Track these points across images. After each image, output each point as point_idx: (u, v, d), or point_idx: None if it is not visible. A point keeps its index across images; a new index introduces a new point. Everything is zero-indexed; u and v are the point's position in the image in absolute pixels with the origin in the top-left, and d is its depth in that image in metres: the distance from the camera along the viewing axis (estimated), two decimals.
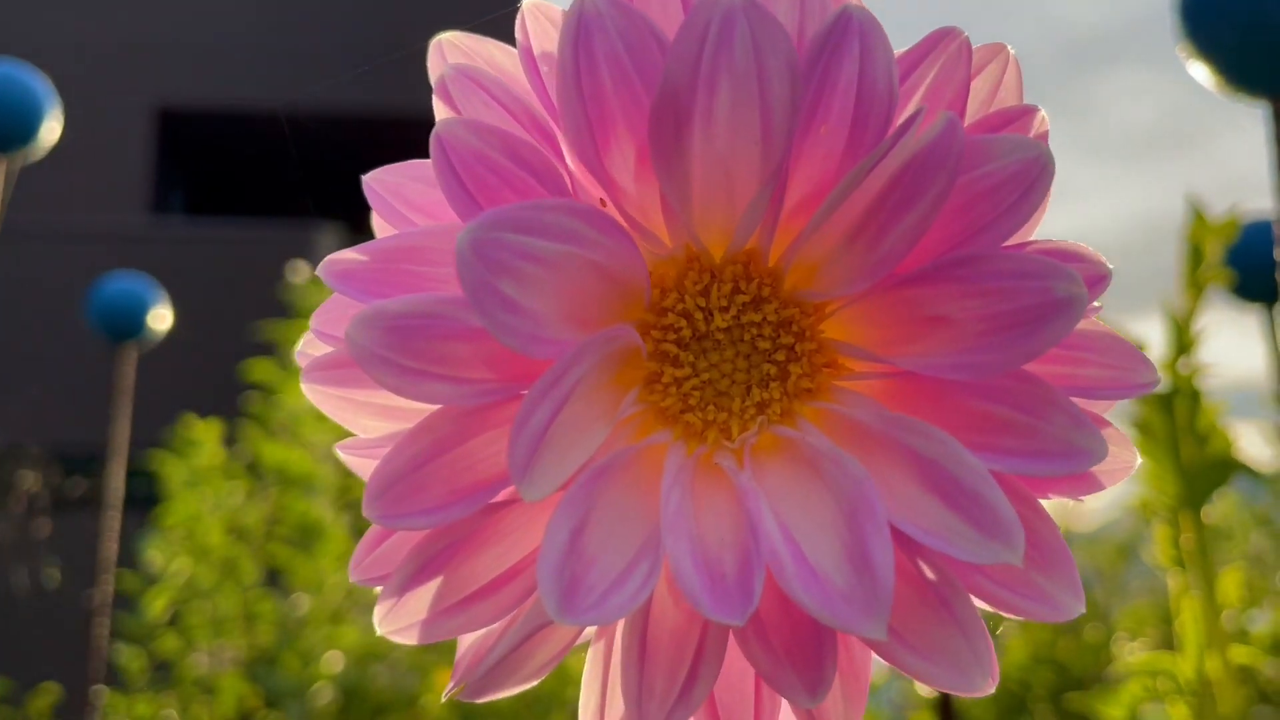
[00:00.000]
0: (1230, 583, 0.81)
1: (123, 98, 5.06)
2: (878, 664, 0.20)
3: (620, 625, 0.19)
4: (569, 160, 0.20)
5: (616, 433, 0.20)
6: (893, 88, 0.18)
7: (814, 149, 0.19)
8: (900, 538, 0.18)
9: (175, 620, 1.69)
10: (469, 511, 0.19)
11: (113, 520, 1.49)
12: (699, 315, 0.20)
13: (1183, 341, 0.78)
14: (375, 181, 0.21)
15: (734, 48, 0.18)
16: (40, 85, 1.13)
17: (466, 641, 0.21)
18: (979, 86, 0.21)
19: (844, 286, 0.20)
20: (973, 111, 0.21)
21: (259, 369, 1.53)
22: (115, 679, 1.79)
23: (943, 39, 0.19)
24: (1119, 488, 0.21)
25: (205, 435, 1.52)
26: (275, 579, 1.70)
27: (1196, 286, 0.80)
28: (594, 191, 0.20)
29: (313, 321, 0.20)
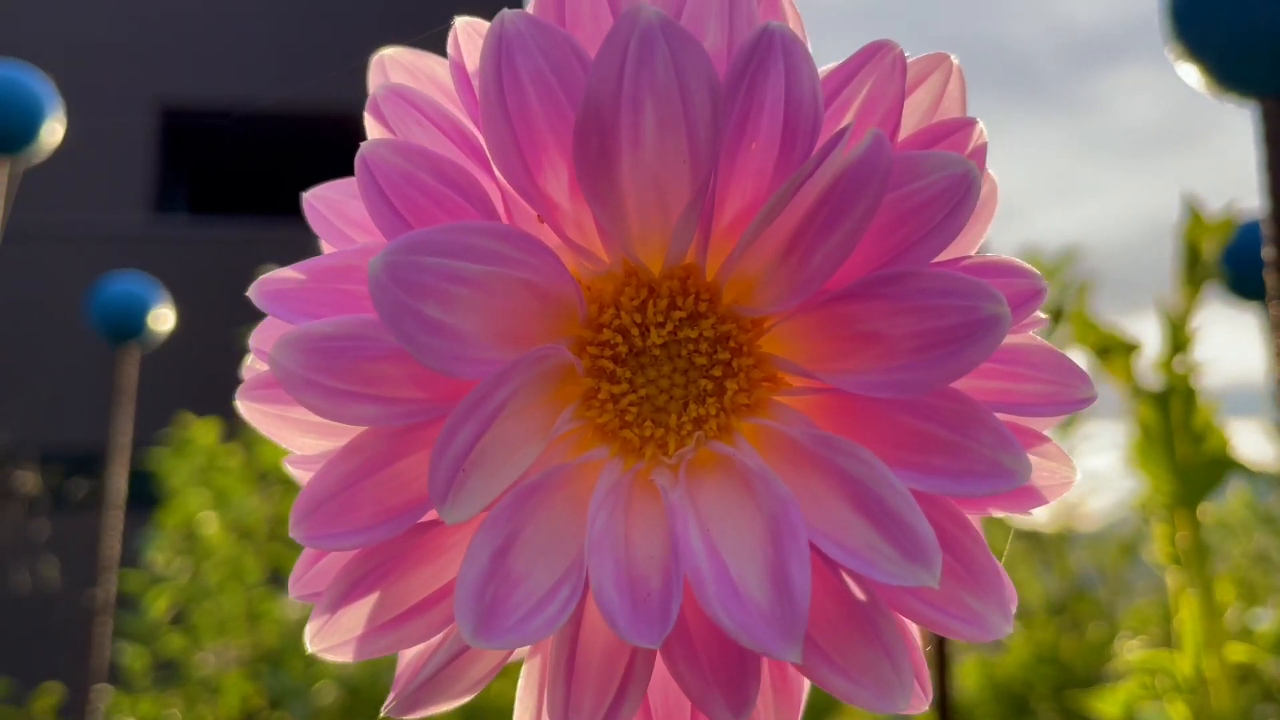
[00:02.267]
0: (1228, 581, 0.81)
1: (125, 96, 5.07)
2: None
3: (550, 641, 0.19)
4: (499, 180, 0.20)
5: (552, 450, 0.20)
6: (818, 105, 0.18)
7: (746, 165, 0.19)
8: (830, 558, 0.18)
9: (180, 620, 1.70)
10: (398, 531, 0.19)
11: (115, 520, 1.50)
12: (635, 331, 0.20)
13: (1178, 340, 0.78)
14: (315, 199, 0.21)
15: (655, 68, 0.17)
16: (42, 87, 1.13)
17: (407, 656, 0.21)
18: (920, 98, 0.21)
19: (778, 302, 0.20)
20: (914, 123, 0.21)
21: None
22: (117, 678, 1.80)
23: (876, 52, 0.19)
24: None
25: (202, 434, 1.52)
26: (279, 578, 1.70)
27: (1192, 285, 0.80)
28: (529, 209, 0.20)
29: (250, 340, 0.20)
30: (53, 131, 1.11)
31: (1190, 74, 0.48)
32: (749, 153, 0.19)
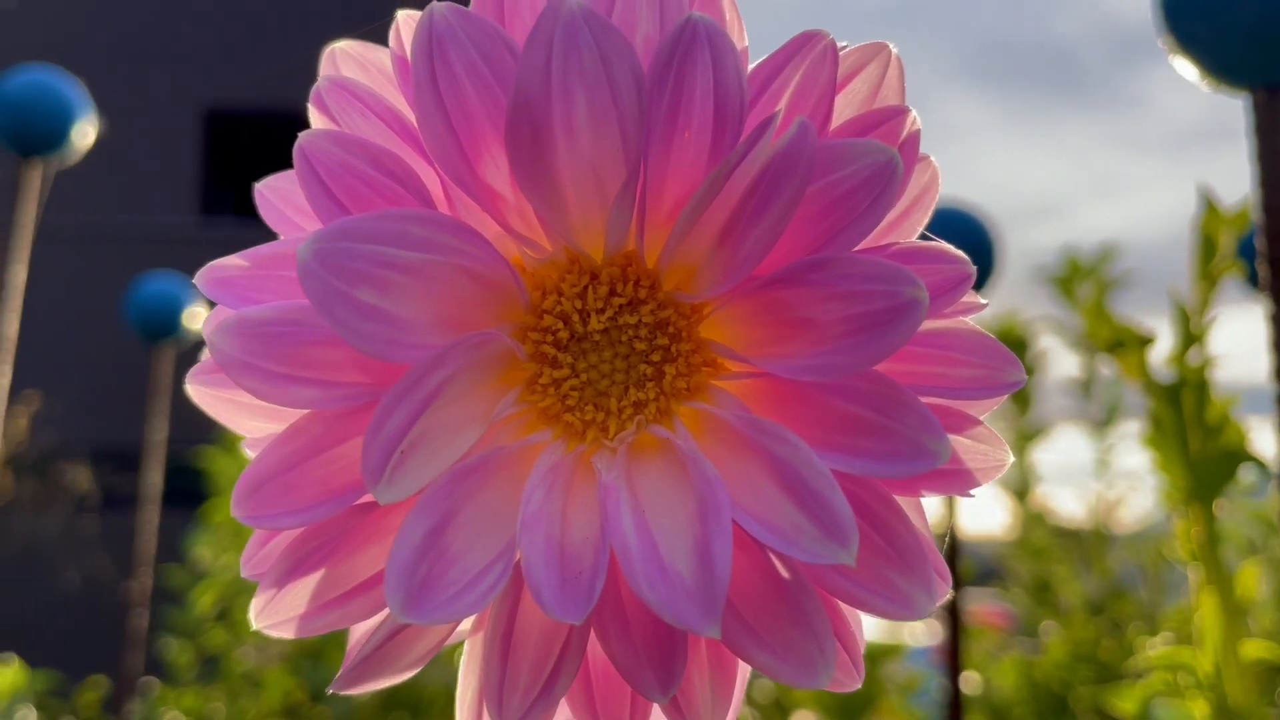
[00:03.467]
0: (1249, 577, 0.80)
1: (171, 100, 5.16)
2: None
3: (488, 617, 0.20)
4: (439, 171, 0.20)
5: (495, 433, 0.21)
6: (743, 94, 0.19)
7: (682, 153, 0.20)
8: (756, 538, 0.18)
9: (223, 615, 1.72)
10: (338, 511, 0.19)
11: (151, 516, 1.52)
12: (576, 317, 0.21)
13: (1191, 333, 0.77)
14: (266, 189, 0.22)
15: (582, 56, 0.18)
16: (72, 90, 1.15)
17: (358, 633, 0.22)
18: (857, 87, 0.21)
19: (713, 288, 0.20)
20: (852, 112, 0.21)
21: None
22: (159, 671, 1.84)
23: (806, 43, 0.20)
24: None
25: None
26: None
27: (1209, 279, 0.79)
28: (468, 199, 0.20)
29: (203, 328, 0.21)
30: (84, 134, 1.13)
31: (1185, 67, 0.48)
32: (683, 141, 0.19)
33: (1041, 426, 1.58)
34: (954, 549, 0.91)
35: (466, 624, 0.22)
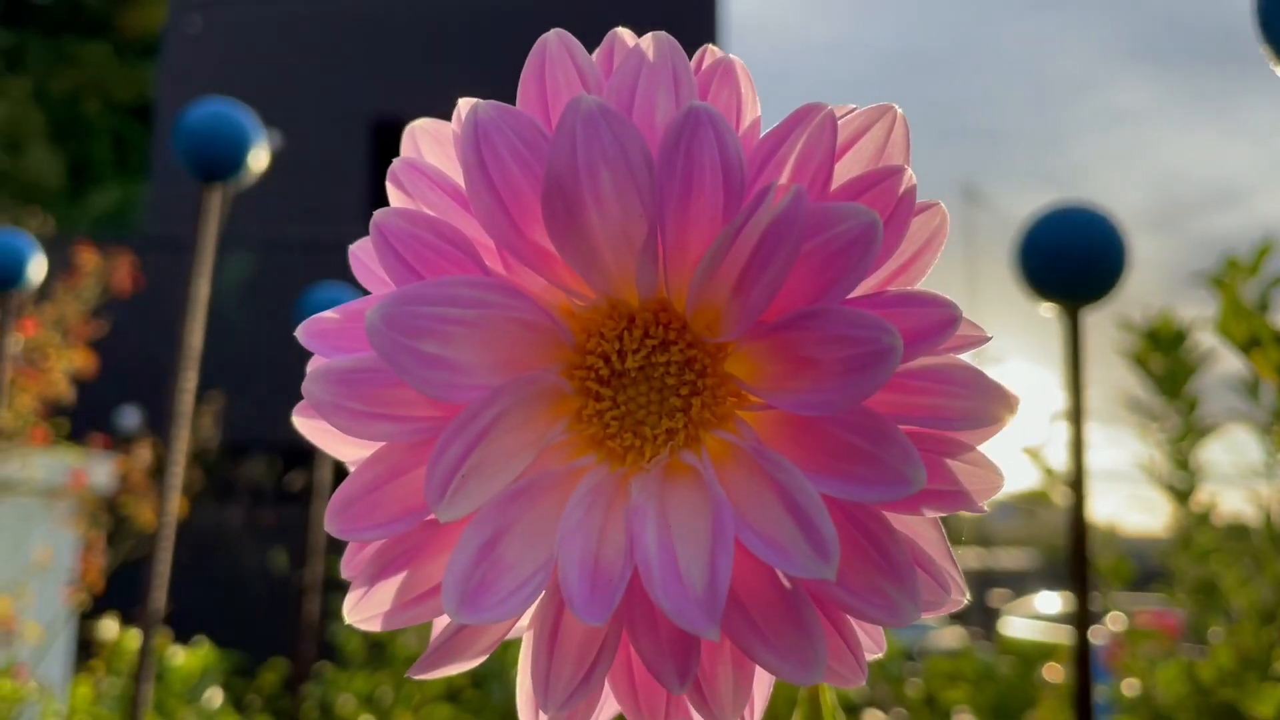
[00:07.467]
0: None
1: (342, 113, 5.42)
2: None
3: (536, 615, 0.23)
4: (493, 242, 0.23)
5: (547, 457, 0.24)
6: (743, 167, 0.21)
7: (700, 214, 0.22)
8: (754, 553, 0.21)
9: None
10: (413, 525, 0.23)
11: (323, 509, 1.63)
12: (615, 356, 0.24)
13: None
14: (360, 250, 0.26)
15: (603, 140, 0.21)
16: (248, 119, 1.25)
17: (438, 626, 0.25)
18: (864, 145, 0.23)
19: (731, 331, 0.23)
20: (860, 169, 0.23)
21: None
22: (330, 655, 1.96)
23: (806, 115, 0.22)
24: None
25: None
26: None
27: None
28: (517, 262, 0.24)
29: (308, 371, 0.25)
30: (258, 159, 1.23)
31: None
32: (700, 204, 0.22)
33: (1209, 426, 1.52)
34: (1081, 555, 0.90)
35: (526, 619, 0.25)
